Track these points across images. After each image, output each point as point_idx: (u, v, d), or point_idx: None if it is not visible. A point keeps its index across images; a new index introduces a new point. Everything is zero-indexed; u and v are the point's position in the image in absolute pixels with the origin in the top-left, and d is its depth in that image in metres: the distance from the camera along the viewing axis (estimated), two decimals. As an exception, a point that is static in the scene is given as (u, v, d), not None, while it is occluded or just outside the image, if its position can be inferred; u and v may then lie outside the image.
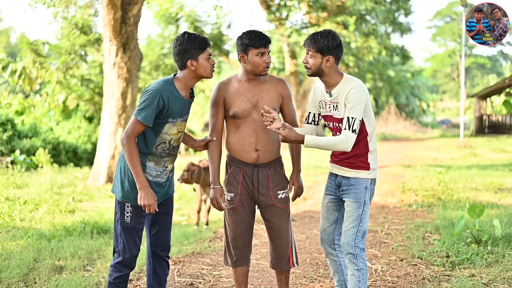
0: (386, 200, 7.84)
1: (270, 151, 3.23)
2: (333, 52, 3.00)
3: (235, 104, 3.18)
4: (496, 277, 3.89)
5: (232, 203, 3.27)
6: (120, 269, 3.07)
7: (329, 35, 2.99)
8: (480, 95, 24.72)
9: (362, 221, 3.07)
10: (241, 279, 3.37)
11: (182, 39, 2.97)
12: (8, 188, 8.35)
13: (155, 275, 3.25)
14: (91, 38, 14.56)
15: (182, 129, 3.08)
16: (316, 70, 3.03)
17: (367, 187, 3.08)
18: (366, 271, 3.06)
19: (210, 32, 18.50)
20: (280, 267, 3.34)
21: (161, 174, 3.07)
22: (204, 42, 2.99)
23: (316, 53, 3.00)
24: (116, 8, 8.87)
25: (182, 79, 3.03)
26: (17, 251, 4.79)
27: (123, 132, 2.93)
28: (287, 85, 3.30)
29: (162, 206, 3.18)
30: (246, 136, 3.20)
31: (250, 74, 3.17)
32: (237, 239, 3.31)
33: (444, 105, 51.10)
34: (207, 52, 3.00)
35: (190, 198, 8.28)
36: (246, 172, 3.24)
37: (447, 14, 48.07)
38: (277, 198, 3.26)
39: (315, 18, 18.38)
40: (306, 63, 3.07)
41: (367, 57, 19.12)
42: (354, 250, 3.05)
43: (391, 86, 31.35)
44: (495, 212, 6.13)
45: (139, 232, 3.08)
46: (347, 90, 2.98)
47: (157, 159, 3.04)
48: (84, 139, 15.08)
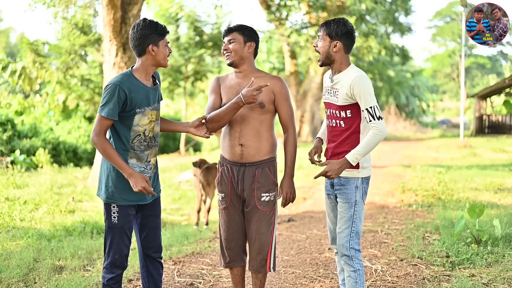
0: (386, 200, 7.84)
1: (255, 148, 3.16)
2: (341, 38, 3.01)
3: (225, 95, 3.21)
4: (496, 277, 3.89)
5: (224, 203, 3.25)
6: (112, 270, 3.04)
7: (340, 21, 3.03)
8: (480, 95, 24.71)
9: (355, 221, 3.03)
10: (237, 279, 3.36)
11: (144, 23, 2.97)
12: (8, 188, 8.35)
13: (150, 277, 3.23)
14: (91, 38, 14.56)
15: (153, 118, 3.04)
16: (325, 54, 3.04)
17: (358, 186, 3.04)
18: (362, 272, 3.04)
19: (210, 32, 18.49)
20: (254, 269, 3.27)
21: (146, 169, 3.04)
22: (164, 28, 3.02)
23: (325, 36, 3.03)
24: (116, 8, 8.87)
25: (141, 67, 3.01)
26: (17, 251, 4.79)
27: (92, 137, 2.92)
28: (282, 82, 3.22)
29: (150, 208, 3.15)
30: (231, 130, 3.20)
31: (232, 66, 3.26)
32: (229, 240, 3.28)
33: (444, 105, 51.10)
34: (165, 40, 3.03)
35: (190, 198, 8.27)
36: (233, 171, 3.22)
37: (447, 14, 48.05)
38: (260, 200, 3.19)
39: (315, 18, 18.39)
40: (315, 46, 3.11)
41: (367, 57, 19.12)
42: (349, 252, 3.02)
43: (391, 86, 31.36)
44: (495, 212, 6.13)
45: (128, 231, 3.06)
46: (349, 80, 2.96)
47: (138, 155, 3.01)
48: (84, 139, 15.09)
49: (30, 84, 15.27)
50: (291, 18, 18.93)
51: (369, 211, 7.02)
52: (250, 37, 3.20)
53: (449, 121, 39.21)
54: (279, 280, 4.19)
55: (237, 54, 3.17)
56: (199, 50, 17.78)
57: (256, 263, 3.26)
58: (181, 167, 11.88)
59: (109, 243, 3.03)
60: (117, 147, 2.98)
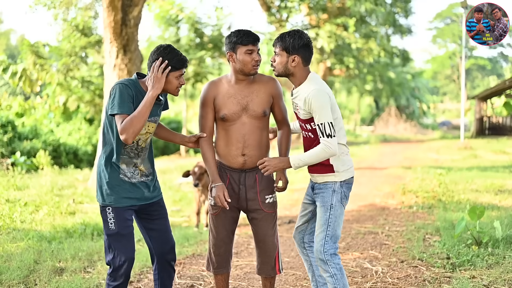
0: (386, 202, 7.83)
1: (257, 156, 3.15)
2: (299, 52, 2.95)
3: (225, 106, 3.11)
4: (497, 278, 3.88)
5: (215, 208, 3.21)
6: (115, 278, 2.99)
7: (296, 34, 2.96)
8: (481, 96, 24.71)
9: (331, 225, 2.99)
10: (222, 284, 3.34)
11: (164, 51, 2.90)
12: (9, 190, 8.35)
13: (161, 283, 3.21)
14: (91, 40, 14.58)
15: (150, 130, 3.02)
16: (282, 69, 2.99)
17: (335, 190, 3.01)
18: (340, 275, 2.96)
19: (211, 34, 18.49)
20: (266, 273, 3.28)
21: (134, 175, 3.01)
22: (182, 62, 2.92)
23: (282, 51, 2.97)
24: (116, 10, 8.87)
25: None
26: (17, 253, 4.78)
27: (123, 134, 2.80)
28: (277, 83, 3.21)
29: (154, 212, 3.13)
30: (234, 140, 3.13)
31: (239, 73, 3.10)
32: (218, 245, 3.26)
33: (444, 106, 51.10)
34: (180, 72, 2.94)
35: (190, 200, 8.27)
36: (233, 177, 3.18)
37: (448, 15, 48.06)
38: (264, 203, 3.20)
39: (316, 20, 18.39)
40: (272, 61, 3.04)
41: (367, 59, 19.12)
42: (323, 256, 2.97)
43: (391, 88, 31.35)
44: (495, 214, 6.13)
45: (128, 237, 2.99)
46: (305, 94, 2.93)
47: (127, 160, 2.98)
48: (85, 141, 15.09)
49: (31, 86, 15.29)
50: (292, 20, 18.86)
51: (370, 212, 7.02)
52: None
53: (449, 123, 39.19)
54: (280, 282, 4.19)
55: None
56: (199, 52, 17.78)
57: (267, 267, 3.27)
58: (182, 169, 11.87)
59: (110, 251, 2.98)
60: (112, 148, 2.96)
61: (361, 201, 7.84)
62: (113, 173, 2.96)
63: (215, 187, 3.10)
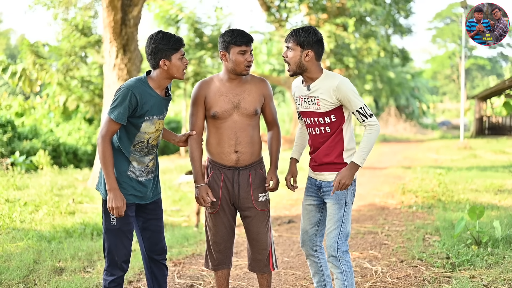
0: (386, 202, 7.83)
1: (250, 153, 3.18)
2: (313, 47, 2.99)
3: (216, 104, 3.13)
4: (496, 278, 3.88)
5: (213, 207, 3.23)
6: (112, 272, 3.02)
7: (310, 29, 3.00)
8: (480, 96, 24.72)
9: (344, 223, 3.02)
10: (222, 281, 3.36)
11: (156, 37, 2.92)
12: (8, 190, 8.35)
13: (154, 279, 3.23)
14: (91, 40, 14.57)
15: (160, 127, 3.04)
16: (296, 64, 3.01)
17: (348, 188, 3.03)
18: (350, 273, 3.01)
19: (210, 34, 18.49)
20: (258, 270, 3.30)
21: (143, 173, 3.03)
22: (179, 42, 2.95)
23: (296, 46, 2.99)
24: (116, 9, 8.87)
25: (156, 78, 2.99)
26: (17, 252, 4.78)
27: (98, 138, 2.89)
28: (268, 84, 3.27)
29: (151, 211, 3.14)
30: (226, 138, 3.15)
31: (231, 73, 3.12)
32: (218, 243, 3.28)
33: (444, 106, 51.11)
34: (180, 52, 2.96)
35: (190, 199, 8.27)
36: (227, 175, 3.19)
37: (447, 15, 48.07)
38: (257, 201, 3.23)
39: (315, 20, 18.38)
40: (285, 57, 3.06)
41: (367, 59, 19.12)
42: (336, 252, 3.00)
43: (391, 88, 31.34)
44: (495, 214, 6.13)
45: (128, 233, 3.02)
46: (331, 86, 2.96)
47: (138, 158, 3.00)
48: (84, 141, 15.08)
49: (30, 85, 15.29)
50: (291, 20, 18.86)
51: (369, 212, 7.02)
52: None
53: (449, 123, 39.22)
54: (280, 282, 4.19)
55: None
56: (199, 51, 17.78)
57: (260, 264, 3.29)
58: (181, 169, 11.87)
59: (109, 245, 3.00)
60: (122, 146, 2.98)
61: (360, 201, 7.84)
62: (120, 168, 2.97)
63: (198, 188, 3.15)
